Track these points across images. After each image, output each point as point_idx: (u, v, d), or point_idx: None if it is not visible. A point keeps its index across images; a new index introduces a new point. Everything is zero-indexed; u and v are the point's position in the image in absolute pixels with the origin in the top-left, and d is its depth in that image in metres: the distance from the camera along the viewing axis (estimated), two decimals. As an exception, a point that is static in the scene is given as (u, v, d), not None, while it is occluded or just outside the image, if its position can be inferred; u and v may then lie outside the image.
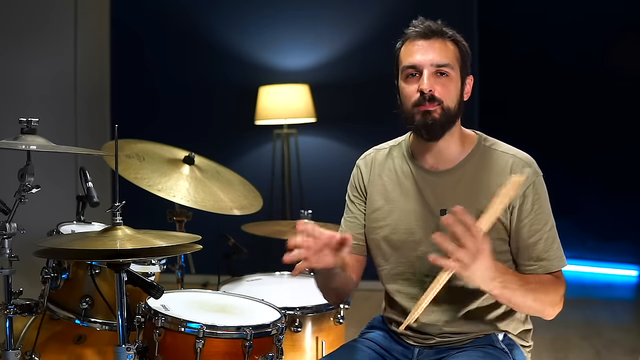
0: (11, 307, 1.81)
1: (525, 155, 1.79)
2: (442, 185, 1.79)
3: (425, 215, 1.79)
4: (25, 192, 1.77)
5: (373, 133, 5.08)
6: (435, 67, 1.72)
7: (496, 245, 1.73)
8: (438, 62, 1.72)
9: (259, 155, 5.29)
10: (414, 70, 1.74)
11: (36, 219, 2.13)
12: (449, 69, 1.73)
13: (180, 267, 2.67)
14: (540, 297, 1.68)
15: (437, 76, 1.73)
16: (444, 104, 1.72)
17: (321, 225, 2.77)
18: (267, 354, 1.83)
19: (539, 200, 1.73)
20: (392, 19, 4.95)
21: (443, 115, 1.72)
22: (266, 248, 4.89)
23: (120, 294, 1.69)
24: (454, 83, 1.74)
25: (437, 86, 1.72)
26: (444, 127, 1.74)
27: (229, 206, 2.52)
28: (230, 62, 5.31)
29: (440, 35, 1.75)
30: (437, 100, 1.71)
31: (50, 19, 4.76)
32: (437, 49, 1.73)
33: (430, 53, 1.73)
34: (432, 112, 1.72)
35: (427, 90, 1.71)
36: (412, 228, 1.81)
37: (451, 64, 1.73)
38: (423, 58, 1.73)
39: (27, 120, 1.79)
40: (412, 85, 1.74)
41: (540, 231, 1.73)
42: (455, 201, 1.72)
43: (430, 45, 1.74)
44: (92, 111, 5.21)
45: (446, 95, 1.73)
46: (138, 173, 2.39)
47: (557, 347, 3.78)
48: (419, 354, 1.83)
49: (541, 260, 1.74)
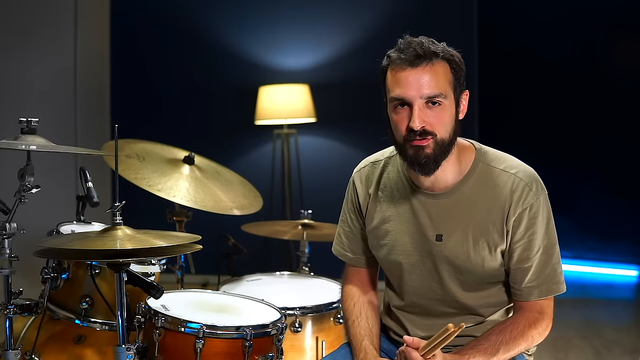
0: (11, 307, 1.81)
1: (526, 173, 1.69)
2: (438, 208, 1.71)
3: (420, 239, 1.74)
4: (25, 192, 1.77)
5: (373, 133, 5.09)
6: (426, 99, 1.60)
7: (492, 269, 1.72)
8: (429, 94, 1.60)
9: (259, 155, 5.28)
10: (403, 102, 1.62)
11: (36, 219, 2.13)
12: (442, 98, 1.61)
13: (180, 267, 2.68)
14: (513, 349, 1.68)
15: (428, 107, 1.61)
16: (437, 137, 1.61)
17: (321, 225, 2.78)
18: (267, 354, 1.83)
19: (535, 225, 1.67)
20: (392, 19, 4.95)
21: (437, 149, 1.62)
22: (266, 248, 4.89)
23: (120, 294, 1.69)
24: (448, 111, 1.63)
25: (428, 119, 1.60)
26: (437, 161, 1.64)
27: (229, 206, 2.53)
28: (230, 62, 5.30)
29: (428, 59, 1.60)
30: (429, 134, 1.61)
31: (50, 19, 4.76)
32: (427, 79, 1.59)
33: (419, 85, 1.59)
34: (425, 147, 1.61)
35: (419, 128, 1.60)
36: (408, 250, 1.76)
37: (443, 93, 1.61)
38: (412, 91, 1.59)
39: (27, 120, 1.79)
40: (402, 118, 1.63)
41: (531, 258, 1.69)
42: (450, 225, 1.70)
43: (419, 74, 1.59)
44: (92, 111, 5.21)
45: (439, 126, 1.61)
46: (138, 173, 2.39)
47: (557, 347, 3.78)
48: None
49: (529, 286, 1.70)
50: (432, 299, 1.77)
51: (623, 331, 4.29)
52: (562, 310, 4.91)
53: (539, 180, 1.71)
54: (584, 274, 5.86)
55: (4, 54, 4.33)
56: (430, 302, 1.77)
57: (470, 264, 1.70)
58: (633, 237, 5.88)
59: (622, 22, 5.80)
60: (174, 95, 5.46)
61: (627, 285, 5.80)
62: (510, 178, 1.68)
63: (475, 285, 1.73)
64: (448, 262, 1.72)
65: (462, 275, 1.72)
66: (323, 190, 5.05)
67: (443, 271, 1.73)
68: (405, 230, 1.76)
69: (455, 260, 1.71)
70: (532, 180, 1.69)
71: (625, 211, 5.85)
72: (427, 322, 1.78)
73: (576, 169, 5.94)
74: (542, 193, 1.69)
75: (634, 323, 4.71)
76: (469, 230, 1.69)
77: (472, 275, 1.71)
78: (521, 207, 1.66)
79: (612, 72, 5.95)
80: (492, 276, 1.72)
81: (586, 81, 5.89)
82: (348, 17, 5.17)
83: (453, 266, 1.72)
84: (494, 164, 1.71)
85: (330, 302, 2.26)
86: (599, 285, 5.70)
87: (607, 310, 4.82)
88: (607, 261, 5.94)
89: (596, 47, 5.94)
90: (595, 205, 5.90)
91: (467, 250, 1.70)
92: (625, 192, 5.80)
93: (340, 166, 5.10)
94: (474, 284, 1.73)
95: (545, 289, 1.71)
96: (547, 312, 1.72)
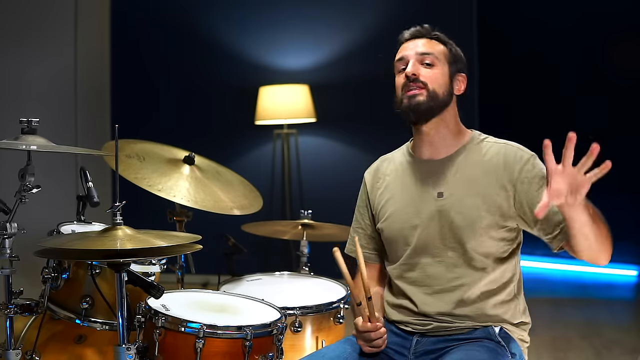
0: (12, 307, 1.82)
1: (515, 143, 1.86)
2: (438, 171, 1.88)
3: (423, 199, 1.88)
4: (26, 192, 1.77)
5: (373, 133, 5.12)
6: (420, 56, 1.87)
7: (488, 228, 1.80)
8: (422, 51, 1.87)
9: (259, 155, 5.29)
10: (403, 64, 1.89)
11: (36, 219, 2.13)
12: (433, 59, 1.87)
13: (181, 267, 2.67)
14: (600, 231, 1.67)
15: (422, 65, 1.86)
16: (428, 86, 1.84)
17: (321, 225, 2.79)
18: (267, 353, 1.83)
19: (542, 171, 1.76)
20: (392, 20, 4.95)
21: (429, 98, 1.84)
22: (266, 248, 4.89)
23: (121, 294, 1.70)
24: (440, 72, 1.87)
25: (422, 72, 1.85)
26: (431, 111, 1.85)
27: (229, 206, 2.52)
28: (230, 62, 5.31)
29: (427, 35, 1.91)
30: (421, 82, 1.84)
31: (50, 19, 4.76)
32: (422, 43, 1.89)
33: (415, 47, 1.89)
34: (418, 95, 1.84)
35: (411, 74, 1.84)
36: (411, 212, 1.89)
37: (435, 54, 1.87)
38: (409, 51, 1.89)
39: (28, 120, 1.79)
40: (401, 75, 1.88)
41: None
42: (451, 184, 1.84)
43: (416, 41, 1.90)
44: (92, 111, 5.21)
45: (431, 79, 1.85)
46: (138, 173, 2.39)
47: (557, 347, 3.78)
48: (416, 344, 1.85)
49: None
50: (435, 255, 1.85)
51: (623, 331, 4.29)
52: (562, 310, 4.92)
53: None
54: (584, 274, 5.86)
55: (4, 54, 4.33)
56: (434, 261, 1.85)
57: (469, 216, 1.81)
58: (633, 237, 5.88)
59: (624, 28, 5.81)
60: (174, 95, 5.46)
61: (627, 285, 5.80)
62: (502, 147, 1.86)
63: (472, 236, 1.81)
64: (448, 215, 1.83)
65: (461, 227, 1.82)
66: (323, 190, 5.06)
67: (444, 226, 1.84)
68: (408, 198, 1.91)
69: (457, 215, 1.82)
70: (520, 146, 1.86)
71: (625, 211, 5.85)
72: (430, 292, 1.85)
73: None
74: (532, 154, 1.82)
75: (633, 323, 4.71)
76: (471, 187, 1.83)
77: (470, 228, 1.81)
78: (519, 164, 1.80)
79: (611, 72, 5.95)
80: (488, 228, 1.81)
81: (585, 83, 5.90)
82: (348, 17, 5.18)
83: (454, 219, 1.83)
84: (487, 139, 1.91)
85: (330, 302, 2.26)
86: (599, 285, 5.70)
87: (607, 310, 4.82)
88: (606, 261, 5.93)
89: (599, 51, 5.94)
90: (595, 205, 5.89)
91: (466, 203, 1.82)
92: (625, 192, 5.79)
93: (340, 166, 5.11)
94: (471, 235, 1.81)
95: None
96: None
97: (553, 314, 4.37)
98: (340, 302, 2.27)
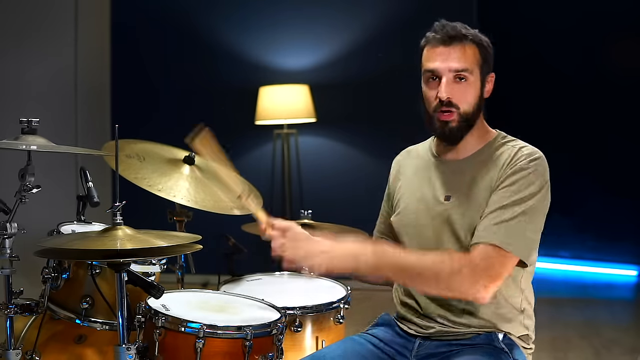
0: (12, 306, 1.82)
1: (530, 149, 1.79)
2: (451, 172, 1.87)
3: (432, 200, 1.87)
4: (26, 192, 1.77)
5: (373, 133, 5.12)
6: (454, 73, 1.77)
7: None
8: (456, 68, 1.77)
9: (259, 155, 5.29)
10: (434, 75, 1.80)
11: (36, 219, 2.13)
12: (468, 74, 1.78)
13: (181, 267, 2.67)
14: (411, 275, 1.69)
15: (455, 82, 1.78)
16: (461, 110, 1.79)
17: (321, 225, 2.78)
18: (267, 354, 1.83)
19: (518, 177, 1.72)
20: (392, 20, 4.95)
21: (461, 121, 1.79)
22: (266, 248, 4.89)
23: (121, 293, 1.69)
24: (473, 87, 1.80)
25: (455, 92, 1.78)
26: (462, 132, 1.82)
27: (229, 206, 2.52)
28: (230, 62, 5.31)
29: (459, 40, 1.79)
30: (454, 106, 1.78)
31: (50, 19, 4.76)
32: (456, 55, 1.78)
33: (448, 60, 1.78)
34: (450, 122, 1.79)
35: (445, 98, 1.77)
36: (420, 212, 1.89)
37: (470, 68, 1.78)
38: (442, 65, 1.78)
39: (28, 120, 1.79)
40: (432, 90, 1.81)
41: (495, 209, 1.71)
42: (461, 188, 1.82)
43: (449, 51, 1.78)
44: (92, 111, 5.21)
45: (463, 100, 1.79)
46: (138, 173, 2.39)
47: (557, 347, 3.78)
48: (419, 347, 1.84)
49: (483, 227, 1.71)
50: None
51: (622, 331, 4.30)
52: (562, 310, 4.91)
53: (542, 158, 1.77)
54: (583, 274, 5.87)
55: (4, 54, 4.33)
56: None
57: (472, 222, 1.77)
58: (633, 237, 5.88)
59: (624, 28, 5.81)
60: (174, 95, 5.46)
61: (626, 285, 5.81)
62: (516, 150, 1.80)
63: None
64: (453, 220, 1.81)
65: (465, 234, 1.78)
66: (323, 190, 5.06)
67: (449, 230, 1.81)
68: (420, 196, 1.90)
69: (459, 219, 1.80)
70: (532, 152, 1.77)
71: (625, 211, 5.85)
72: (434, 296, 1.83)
73: (576, 169, 5.94)
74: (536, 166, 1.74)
75: (633, 323, 4.71)
76: (471, 192, 1.79)
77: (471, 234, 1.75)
78: (512, 167, 1.75)
79: (611, 72, 5.96)
80: None
81: (585, 83, 5.90)
82: (348, 17, 5.18)
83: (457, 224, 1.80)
84: (508, 141, 1.86)
85: (330, 302, 2.26)
86: (598, 285, 5.71)
87: (606, 310, 4.82)
88: (606, 261, 5.95)
89: (598, 51, 5.95)
90: (594, 205, 5.90)
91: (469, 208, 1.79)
92: (625, 192, 5.80)
93: (340, 166, 5.10)
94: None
95: (495, 237, 1.67)
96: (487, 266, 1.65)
97: (553, 314, 4.37)
98: (340, 302, 2.26)
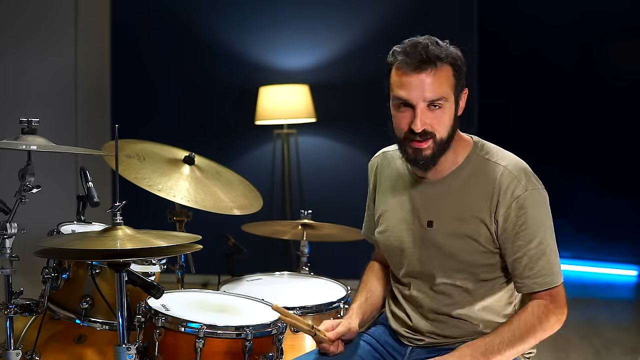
0: (12, 307, 1.82)
1: (517, 165, 1.72)
2: (432, 195, 1.79)
3: (414, 225, 1.82)
4: (26, 192, 1.77)
5: (373, 133, 5.10)
6: (428, 102, 1.67)
7: (481, 258, 1.74)
8: (431, 98, 1.66)
9: (259, 155, 5.28)
10: (406, 103, 1.69)
11: (37, 219, 2.13)
12: (443, 101, 1.67)
13: (181, 267, 2.68)
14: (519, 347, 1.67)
15: (430, 109, 1.67)
16: (436, 137, 1.68)
17: (321, 225, 2.79)
18: (267, 354, 1.83)
19: (525, 215, 1.68)
20: (392, 20, 4.95)
21: (435, 148, 1.70)
22: (266, 248, 4.89)
23: (121, 293, 1.69)
24: (448, 112, 1.69)
25: (429, 120, 1.67)
26: (436, 159, 1.71)
27: (229, 206, 2.53)
28: (230, 62, 5.31)
29: (432, 64, 1.65)
30: (429, 134, 1.68)
31: (50, 19, 4.76)
32: (430, 83, 1.65)
33: (422, 89, 1.65)
34: (424, 149, 1.69)
35: (420, 129, 1.67)
36: (403, 236, 1.84)
37: (445, 96, 1.67)
38: (414, 94, 1.66)
39: (28, 120, 1.79)
40: (404, 117, 1.70)
41: (524, 248, 1.69)
42: (442, 212, 1.76)
43: (422, 79, 1.65)
44: (92, 111, 5.21)
45: (439, 127, 1.68)
46: (138, 173, 2.39)
47: (557, 347, 3.78)
48: (410, 352, 1.86)
49: (525, 279, 1.71)
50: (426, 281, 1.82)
51: (622, 331, 4.30)
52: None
53: (531, 173, 1.73)
54: (583, 274, 5.86)
55: (4, 54, 4.33)
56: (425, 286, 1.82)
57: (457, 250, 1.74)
58: (632, 237, 5.88)
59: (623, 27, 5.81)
60: (174, 95, 5.46)
61: (626, 285, 5.80)
62: (500, 169, 1.71)
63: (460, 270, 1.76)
64: (437, 247, 1.77)
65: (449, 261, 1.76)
66: (323, 190, 5.05)
67: (433, 257, 1.78)
68: (401, 217, 1.84)
69: (443, 247, 1.76)
70: (522, 172, 1.71)
71: (625, 211, 5.85)
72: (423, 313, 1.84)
73: (575, 169, 5.94)
74: (532, 186, 1.71)
75: (633, 323, 4.71)
76: (457, 215, 1.74)
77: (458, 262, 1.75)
78: (510, 199, 1.69)
79: (610, 72, 5.96)
80: (476, 265, 1.75)
81: (584, 82, 5.90)
82: (348, 17, 5.18)
83: (441, 252, 1.76)
84: (488, 156, 1.76)
85: (330, 302, 2.26)
86: (598, 285, 5.70)
87: (606, 310, 4.82)
88: (606, 261, 5.94)
89: (597, 50, 5.94)
90: (594, 205, 5.90)
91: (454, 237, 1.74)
92: (625, 192, 5.80)
93: (340, 166, 5.10)
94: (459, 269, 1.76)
95: (541, 281, 1.70)
96: (554, 302, 1.71)
97: (553, 314, 4.36)
98: (340, 302, 2.27)
